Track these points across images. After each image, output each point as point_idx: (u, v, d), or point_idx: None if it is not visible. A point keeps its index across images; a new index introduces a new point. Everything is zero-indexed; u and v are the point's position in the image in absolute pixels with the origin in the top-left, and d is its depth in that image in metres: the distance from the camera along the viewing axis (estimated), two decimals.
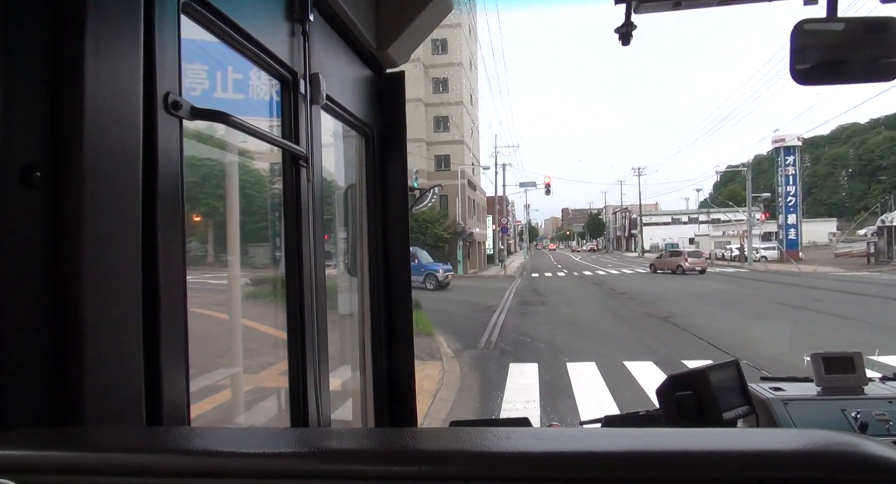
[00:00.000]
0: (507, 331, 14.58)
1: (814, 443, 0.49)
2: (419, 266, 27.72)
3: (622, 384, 8.86)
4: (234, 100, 1.50)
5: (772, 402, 2.03)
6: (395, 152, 1.81)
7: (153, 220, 0.77)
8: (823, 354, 2.15)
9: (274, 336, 1.66)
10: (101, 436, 0.62)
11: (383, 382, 1.80)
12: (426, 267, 28.39)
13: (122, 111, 0.74)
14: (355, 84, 1.63)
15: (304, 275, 1.23)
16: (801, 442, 0.50)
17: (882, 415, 1.92)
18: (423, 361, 10.48)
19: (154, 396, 0.75)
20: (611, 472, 0.48)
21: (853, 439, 0.48)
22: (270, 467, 0.53)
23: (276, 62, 1.16)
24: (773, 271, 35.31)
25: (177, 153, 0.83)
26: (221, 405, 2.02)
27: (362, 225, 1.79)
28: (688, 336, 13.36)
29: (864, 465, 0.46)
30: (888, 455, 0.46)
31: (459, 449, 0.55)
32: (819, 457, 0.47)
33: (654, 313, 17.17)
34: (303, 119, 1.25)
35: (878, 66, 1.55)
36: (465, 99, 49.03)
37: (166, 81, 0.80)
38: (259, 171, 2.13)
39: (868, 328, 13.48)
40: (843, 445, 0.48)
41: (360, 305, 1.83)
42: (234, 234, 1.86)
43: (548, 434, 0.57)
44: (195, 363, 1.08)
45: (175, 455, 0.55)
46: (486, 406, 8.19)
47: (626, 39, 1.65)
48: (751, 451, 0.48)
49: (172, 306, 0.80)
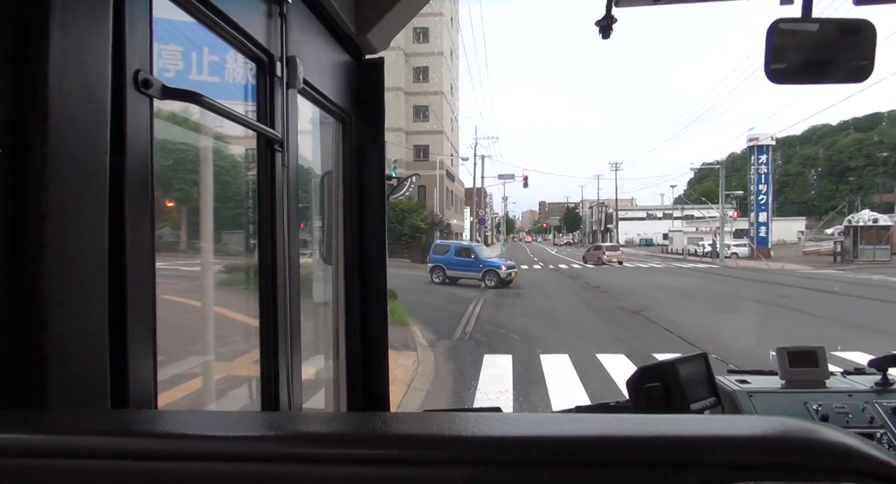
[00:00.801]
0: (483, 322, 14.66)
1: (773, 428, 0.51)
2: (476, 262, 25.00)
3: (594, 376, 8.98)
4: (208, 82, 1.47)
5: (738, 394, 2.08)
6: (373, 140, 1.79)
7: (121, 201, 0.75)
8: (788, 348, 2.20)
9: (246, 324, 1.64)
10: (63, 418, 0.61)
11: (356, 371, 1.79)
12: (485, 262, 25.15)
13: (89, 88, 0.71)
14: (333, 69, 1.61)
15: (277, 261, 1.22)
16: (762, 428, 0.52)
17: (842, 407, 1.98)
18: (398, 351, 10.49)
19: (120, 381, 0.73)
20: (578, 456, 0.49)
21: (811, 426, 0.50)
22: (239, 450, 0.52)
23: (252, 44, 1.14)
24: (743, 268, 36.05)
25: (147, 133, 0.80)
26: (192, 393, 2.00)
27: (338, 213, 1.78)
28: (659, 330, 13.58)
29: (821, 450, 0.47)
30: (844, 441, 0.47)
31: (428, 433, 0.55)
32: (778, 442, 0.49)
33: (626, 307, 17.41)
34: (279, 103, 1.23)
35: (851, 68, 1.58)
36: (445, 89, 48.86)
37: (136, 58, 0.78)
38: (234, 157, 2.09)
39: (832, 325, 13.87)
40: (801, 431, 0.49)
41: (334, 293, 1.82)
42: (208, 220, 1.83)
43: (516, 419, 0.57)
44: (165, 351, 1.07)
45: (140, 438, 0.54)
46: (459, 396, 8.24)
47: (607, 33, 1.65)
48: (713, 436, 0.50)
49: (140, 290, 0.78)
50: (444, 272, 25.74)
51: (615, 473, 0.48)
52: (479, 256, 25.46)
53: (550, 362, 10.00)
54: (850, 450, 0.47)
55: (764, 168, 47.09)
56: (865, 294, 20.11)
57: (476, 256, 25.30)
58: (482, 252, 26.65)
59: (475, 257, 25.23)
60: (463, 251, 26.04)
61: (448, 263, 25.74)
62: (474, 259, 25.13)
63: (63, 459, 0.52)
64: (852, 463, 0.46)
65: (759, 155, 47.38)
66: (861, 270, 32.04)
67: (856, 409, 1.98)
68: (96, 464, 0.52)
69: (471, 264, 25.08)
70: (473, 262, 25.03)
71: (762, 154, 47.41)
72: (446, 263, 25.80)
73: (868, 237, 37.13)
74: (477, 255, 25.47)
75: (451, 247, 27.00)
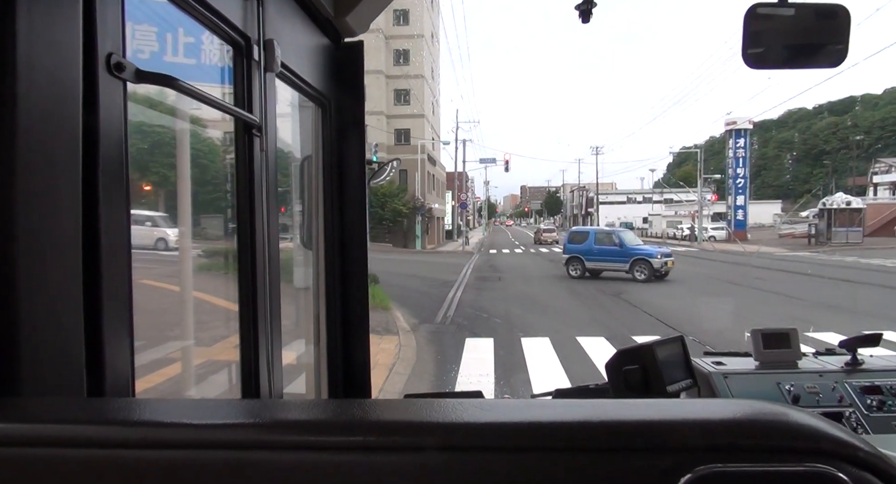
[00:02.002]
0: (464, 306, 14.73)
1: (744, 412, 0.52)
2: (623, 251, 20.42)
3: (574, 359, 9.10)
4: (184, 65, 1.44)
5: (713, 375, 2.12)
6: (353, 124, 1.77)
7: (94, 187, 0.73)
8: (762, 330, 2.25)
9: (226, 309, 1.63)
10: (38, 407, 0.60)
11: (338, 356, 1.80)
12: (633, 251, 20.46)
13: (59, 72, 0.70)
14: (312, 52, 1.59)
15: (256, 246, 1.21)
16: (733, 411, 0.53)
17: (813, 387, 2.03)
18: (380, 335, 10.51)
19: (96, 368, 0.73)
20: (556, 440, 0.50)
21: (780, 409, 0.51)
22: (217, 438, 0.52)
23: (228, 27, 1.12)
24: (720, 251, 36.60)
25: (120, 117, 0.79)
26: (172, 378, 1.99)
27: (318, 197, 1.76)
28: (638, 312, 13.78)
29: (788, 432, 0.49)
30: (811, 423, 0.49)
31: (408, 419, 0.55)
32: (748, 424, 0.50)
33: (606, 290, 17.61)
34: (256, 87, 1.21)
35: (826, 52, 1.60)
36: (426, 72, 48.44)
37: (108, 41, 0.76)
38: (213, 141, 2.07)
39: (805, 306, 14.18)
40: (770, 414, 0.51)
41: (315, 278, 1.81)
42: (186, 205, 1.80)
43: (496, 405, 0.58)
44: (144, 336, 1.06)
45: (117, 426, 0.54)
46: (441, 380, 8.30)
47: (587, 17, 1.65)
48: (685, 420, 0.51)
49: (115, 276, 0.77)
50: (582, 265, 21.37)
51: (590, 458, 0.49)
52: (625, 243, 20.82)
53: (531, 345, 10.11)
54: (816, 432, 0.48)
55: (742, 152, 47.66)
56: (838, 275, 20.58)
57: (623, 244, 20.75)
58: (630, 239, 21.44)
59: (621, 245, 20.73)
60: (606, 238, 21.46)
61: (588, 253, 21.32)
62: (620, 248, 20.69)
63: (38, 448, 0.52)
64: (819, 444, 0.47)
65: (736, 139, 47.90)
66: (834, 251, 32.72)
67: (826, 388, 2.03)
68: (72, 453, 0.52)
69: (616, 253, 20.68)
70: (618, 251, 20.64)
71: (740, 138, 47.93)
72: (586, 253, 21.37)
73: (841, 220, 37.91)
74: (623, 242, 20.84)
75: (590, 233, 22.09)
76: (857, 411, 1.95)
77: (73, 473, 0.52)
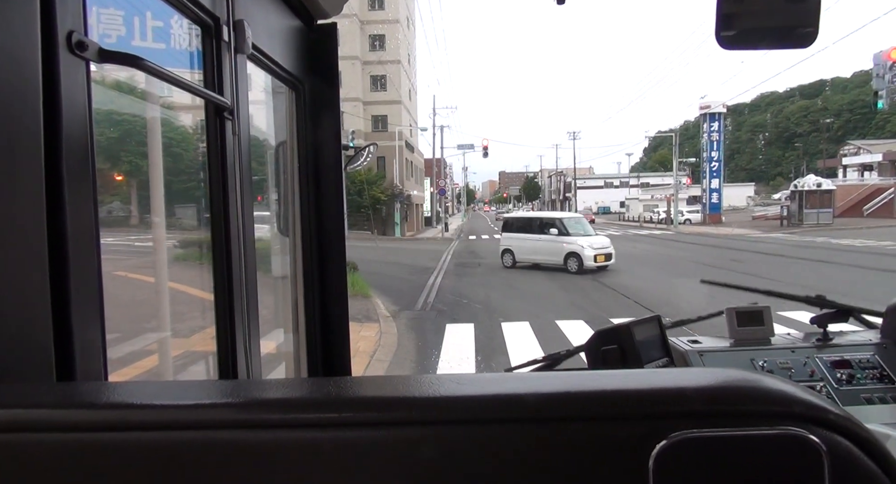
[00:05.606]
0: (445, 292, 14.77)
1: (717, 379, 0.53)
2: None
3: (554, 342, 9.19)
4: (152, 48, 1.40)
5: (689, 353, 2.16)
6: (328, 108, 1.75)
7: (58, 170, 0.71)
8: (737, 308, 2.29)
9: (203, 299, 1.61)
10: (4, 393, 0.59)
11: (317, 345, 1.79)
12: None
13: (15, 50, 0.67)
14: (284, 34, 1.56)
15: (231, 233, 1.19)
16: (707, 379, 0.54)
17: (785, 363, 2.08)
18: (360, 322, 10.50)
19: (65, 354, 0.71)
20: (533, 411, 0.50)
21: (753, 376, 0.52)
22: (190, 418, 0.51)
23: (196, 6, 1.09)
24: (696, 233, 37.18)
25: (84, 98, 0.76)
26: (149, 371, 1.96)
27: (294, 183, 1.74)
28: (616, 295, 13.96)
29: (761, 397, 0.50)
30: (782, 388, 0.50)
31: (384, 395, 0.55)
32: (722, 391, 0.51)
33: (585, 275, 17.77)
34: (227, 69, 1.18)
35: (797, 34, 1.61)
36: (402, 58, 47.99)
37: (69, 18, 0.73)
38: (185, 127, 2.02)
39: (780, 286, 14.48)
40: (744, 381, 0.52)
41: (292, 266, 1.79)
42: (158, 193, 1.77)
43: (473, 379, 0.59)
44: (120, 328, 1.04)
45: (87, 409, 0.52)
46: (422, 365, 8.34)
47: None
48: (662, 388, 0.52)
49: (83, 263, 0.75)
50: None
51: (566, 427, 0.50)
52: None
53: (511, 330, 10.19)
54: (788, 396, 0.49)
55: (716, 135, 48.24)
56: (809, 256, 21.05)
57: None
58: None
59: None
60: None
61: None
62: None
63: (5, 434, 0.51)
64: (790, 408, 0.48)
65: (710, 123, 48.45)
66: (806, 232, 33.45)
67: (798, 363, 2.08)
68: (42, 437, 0.50)
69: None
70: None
71: (714, 122, 48.49)
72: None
73: (812, 201, 38.69)
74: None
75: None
76: (827, 385, 2.00)
77: (43, 457, 0.50)
